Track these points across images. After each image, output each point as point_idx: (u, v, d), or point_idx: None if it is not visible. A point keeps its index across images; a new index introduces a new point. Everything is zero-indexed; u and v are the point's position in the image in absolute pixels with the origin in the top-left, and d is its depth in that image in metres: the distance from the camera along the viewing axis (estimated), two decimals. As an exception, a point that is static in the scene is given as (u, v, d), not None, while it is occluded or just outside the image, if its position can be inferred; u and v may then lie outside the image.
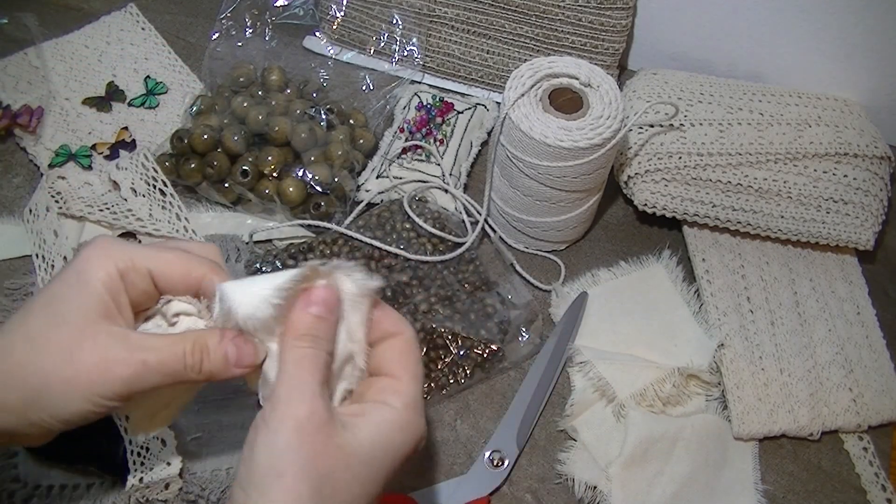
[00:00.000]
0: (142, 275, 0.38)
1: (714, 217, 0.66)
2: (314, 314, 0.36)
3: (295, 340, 0.36)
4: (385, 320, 0.40)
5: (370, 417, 0.36)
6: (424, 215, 0.66)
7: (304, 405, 0.34)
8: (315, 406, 0.34)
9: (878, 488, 0.58)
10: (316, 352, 0.36)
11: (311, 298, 0.37)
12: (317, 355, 0.36)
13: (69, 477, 0.52)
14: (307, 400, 0.34)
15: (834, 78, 0.73)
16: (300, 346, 0.36)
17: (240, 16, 0.78)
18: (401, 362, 0.39)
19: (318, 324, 0.36)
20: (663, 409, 0.59)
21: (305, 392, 0.34)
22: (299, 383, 0.35)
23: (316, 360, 0.36)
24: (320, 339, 0.36)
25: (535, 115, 0.58)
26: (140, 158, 0.67)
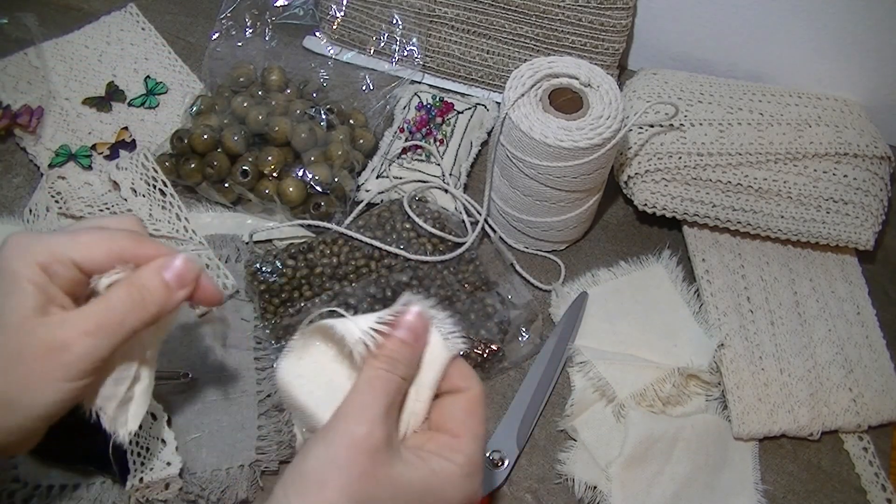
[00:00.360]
0: (66, 265, 0.38)
1: (714, 217, 0.66)
2: (399, 337, 0.36)
3: (373, 360, 0.36)
4: (455, 373, 0.39)
5: (430, 463, 0.36)
6: (424, 215, 0.66)
7: (364, 425, 0.34)
8: (374, 428, 0.34)
9: (878, 488, 0.58)
10: (390, 375, 0.36)
11: (400, 322, 0.37)
12: (390, 378, 0.36)
13: (69, 477, 0.52)
14: (367, 420, 0.34)
15: (834, 78, 0.73)
16: (376, 366, 0.36)
17: (240, 16, 0.78)
18: (463, 421, 0.38)
19: (400, 348, 0.36)
20: (663, 409, 0.59)
21: (367, 412, 0.34)
22: (364, 403, 0.35)
23: (388, 383, 0.35)
24: (398, 364, 0.36)
25: (535, 115, 0.58)
26: (140, 158, 0.67)
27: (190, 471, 0.53)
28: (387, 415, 0.35)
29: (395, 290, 0.62)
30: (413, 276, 0.63)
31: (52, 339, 0.36)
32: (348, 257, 0.64)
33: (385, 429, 0.34)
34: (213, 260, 0.64)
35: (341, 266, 0.63)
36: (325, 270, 0.63)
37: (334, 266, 0.63)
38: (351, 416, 0.34)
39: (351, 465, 0.33)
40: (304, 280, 0.63)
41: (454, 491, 0.36)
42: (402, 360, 0.36)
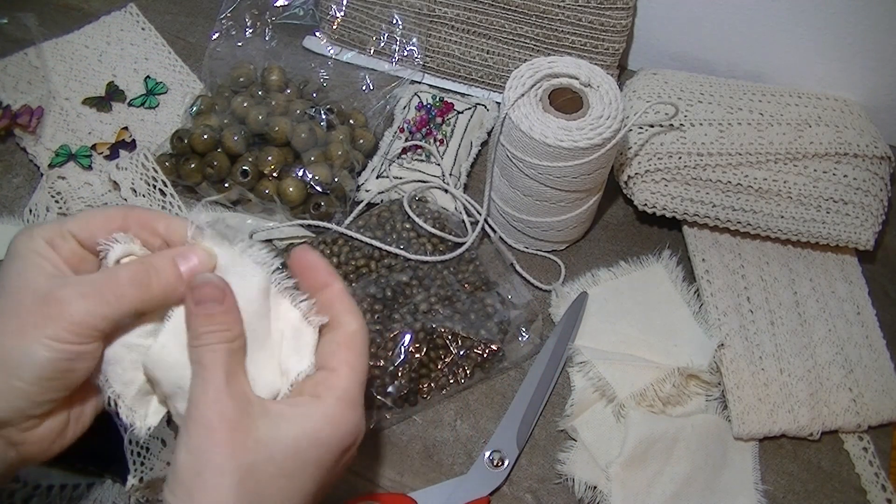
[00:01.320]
0: (65, 238, 0.38)
1: (714, 217, 0.66)
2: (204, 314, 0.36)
3: (193, 342, 0.36)
4: (338, 308, 0.39)
5: (298, 409, 0.36)
6: (424, 215, 0.66)
7: (212, 406, 0.34)
8: (223, 404, 0.34)
9: (878, 488, 0.58)
10: (215, 346, 0.35)
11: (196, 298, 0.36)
12: (216, 350, 0.35)
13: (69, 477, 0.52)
14: (212, 402, 0.34)
15: (834, 78, 0.73)
16: (199, 346, 0.36)
17: (240, 16, 0.78)
18: (340, 354, 0.38)
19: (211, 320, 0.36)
20: (663, 409, 0.59)
21: (210, 391, 0.34)
22: (204, 383, 0.35)
23: (216, 355, 0.35)
24: (217, 333, 0.36)
25: (535, 115, 0.58)
26: (140, 158, 0.67)
27: (190, 471, 0.53)
28: (228, 385, 0.35)
29: (395, 290, 0.62)
30: (413, 276, 0.63)
31: (48, 293, 0.35)
32: (348, 257, 0.64)
33: (231, 399, 0.34)
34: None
35: (341, 266, 0.63)
36: (325, 270, 0.63)
37: (334, 266, 0.63)
38: (198, 400, 0.34)
39: (217, 445, 0.33)
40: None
41: (332, 428, 0.36)
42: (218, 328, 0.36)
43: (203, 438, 0.33)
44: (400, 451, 0.57)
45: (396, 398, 0.57)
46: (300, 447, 0.35)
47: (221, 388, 0.34)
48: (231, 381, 0.35)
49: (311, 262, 0.40)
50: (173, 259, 0.38)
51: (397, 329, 0.59)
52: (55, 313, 0.35)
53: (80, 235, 0.38)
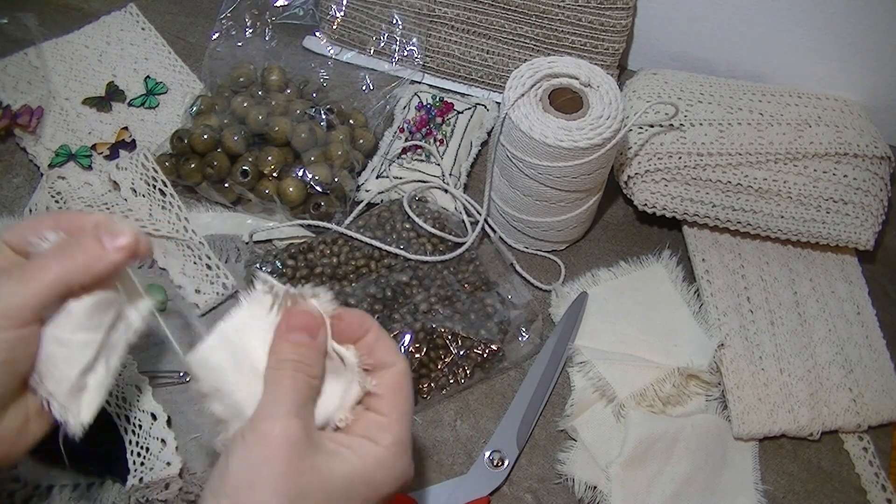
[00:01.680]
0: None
1: (714, 217, 0.66)
2: (294, 342, 0.37)
3: (276, 363, 0.37)
4: (380, 349, 0.39)
5: (355, 450, 0.36)
6: (424, 215, 0.66)
7: (280, 424, 0.34)
8: (290, 425, 0.34)
9: (878, 488, 0.58)
10: (296, 374, 0.36)
11: (291, 324, 0.37)
12: (296, 378, 0.36)
13: (69, 477, 0.52)
14: (283, 419, 0.34)
15: (834, 78, 0.73)
16: (280, 370, 0.36)
17: (240, 16, 0.78)
18: (390, 399, 0.38)
19: (299, 349, 0.37)
20: (663, 409, 0.59)
21: (281, 411, 0.35)
22: (276, 403, 0.35)
23: (295, 382, 0.36)
24: (301, 364, 0.37)
25: (535, 115, 0.58)
26: (140, 158, 0.67)
27: (190, 471, 0.53)
28: (300, 410, 0.35)
29: (395, 290, 0.62)
30: (413, 276, 0.63)
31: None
32: (348, 257, 0.64)
33: (300, 423, 0.35)
34: (212, 260, 0.64)
35: (341, 266, 0.63)
36: (325, 270, 0.63)
37: (334, 266, 0.63)
38: (265, 415, 0.35)
39: (275, 464, 0.33)
40: (304, 280, 0.63)
41: (383, 473, 0.36)
42: (305, 360, 0.37)
43: (265, 454, 0.33)
44: (400, 451, 0.57)
45: (396, 398, 0.57)
46: (352, 484, 0.35)
47: (293, 412, 0.35)
48: (303, 407, 0.36)
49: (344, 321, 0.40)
50: (96, 233, 0.38)
51: (397, 329, 0.59)
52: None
53: (12, 241, 0.39)
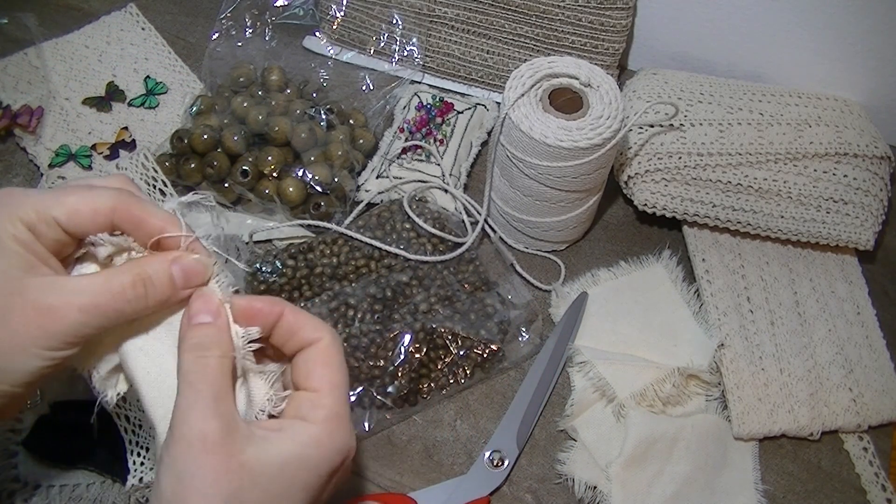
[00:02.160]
0: (50, 225, 0.36)
1: (714, 217, 0.66)
2: (196, 324, 0.35)
3: (183, 354, 0.35)
4: (302, 327, 0.38)
5: (284, 433, 0.35)
6: (424, 215, 0.66)
7: (196, 426, 0.32)
8: (207, 426, 0.32)
9: (878, 488, 0.58)
10: (205, 361, 0.34)
11: (192, 310, 0.36)
12: (206, 364, 0.34)
13: (69, 477, 0.52)
14: (199, 420, 0.33)
15: (834, 78, 0.73)
16: (186, 358, 0.34)
17: (240, 16, 0.78)
18: (319, 373, 0.37)
19: (202, 330, 0.35)
20: (663, 409, 0.59)
21: (196, 411, 0.33)
22: (189, 402, 0.33)
23: (205, 371, 0.34)
24: (207, 347, 0.35)
25: (535, 115, 0.58)
26: (140, 158, 0.67)
27: (190, 471, 0.53)
28: (216, 404, 0.33)
29: (395, 290, 0.62)
30: (413, 276, 0.63)
31: (43, 302, 0.34)
32: (348, 257, 0.64)
33: (217, 420, 0.33)
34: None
35: (341, 266, 0.63)
36: (325, 270, 0.63)
37: (334, 266, 0.63)
38: (182, 421, 0.33)
39: (200, 470, 0.32)
40: (304, 280, 0.63)
41: (320, 450, 0.35)
42: (209, 342, 0.35)
43: (188, 461, 0.32)
44: (400, 451, 0.57)
45: (396, 398, 0.57)
46: (287, 471, 0.34)
47: (209, 409, 0.33)
48: (219, 401, 0.34)
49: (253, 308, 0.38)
50: (170, 272, 0.36)
51: (397, 329, 0.59)
52: (49, 325, 0.34)
53: (68, 227, 0.36)
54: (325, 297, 0.61)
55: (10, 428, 0.53)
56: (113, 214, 0.37)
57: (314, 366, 0.37)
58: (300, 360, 0.38)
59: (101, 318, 0.35)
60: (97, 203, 0.37)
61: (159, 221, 0.38)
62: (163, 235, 0.37)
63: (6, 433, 0.53)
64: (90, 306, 0.34)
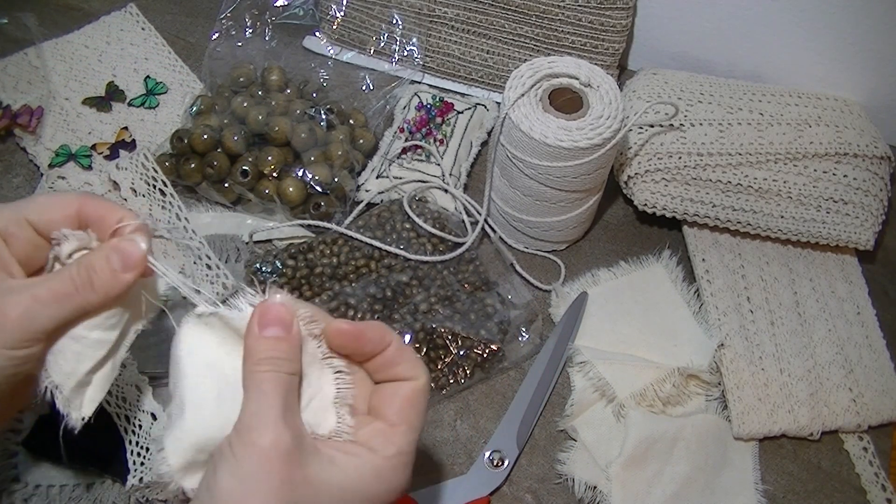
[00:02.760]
0: (21, 225, 0.37)
1: (714, 217, 0.66)
2: (269, 336, 0.35)
3: (254, 366, 0.35)
4: (401, 363, 0.38)
5: (352, 458, 0.35)
6: (424, 215, 0.66)
7: (268, 433, 0.33)
8: (279, 433, 0.33)
9: (878, 488, 0.58)
10: (277, 375, 0.34)
11: (264, 320, 0.36)
12: (278, 378, 0.34)
13: (69, 477, 0.52)
14: (269, 427, 0.33)
15: (834, 78, 0.73)
16: (259, 370, 0.34)
17: (240, 16, 0.78)
18: (402, 410, 0.37)
19: (276, 345, 0.35)
20: (663, 409, 0.59)
21: (268, 419, 0.33)
22: (259, 410, 0.33)
23: (277, 384, 0.34)
24: (280, 361, 0.35)
25: (535, 115, 0.58)
26: (140, 158, 0.67)
27: (190, 471, 0.53)
28: (285, 415, 0.34)
29: (395, 290, 0.62)
30: (413, 276, 0.63)
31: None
32: (348, 257, 0.64)
33: (289, 431, 0.33)
34: (212, 260, 0.64)
35: (341, 266, 0.63)
36: (325, 270, 0.63)
37: (334, 266, 0.63)
38: (251, 427, 0.33)
39: (266, 477, 0.32)
40: (304, 280, 0.63)
41: (381, 484, 0.35)
42: (283, 357, 0.35)
43: (254, 466, 0.32)
44: (400, 451, 0.57)
45: (396, 398, 0.57)
46: (346, 494, 0.34)
47: (279, 417, 0.33)
48: (287, 412, 0.34)
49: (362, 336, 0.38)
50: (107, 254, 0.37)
51: (397, 329, 0.59)
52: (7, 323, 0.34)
53: (37, 223, 0.38)
54: (325, 297, 0.61)
55: (10, 428, 0.53)
56: (80, 210, 0.39)
57: (401, 402, 0.37)
58: (388, 390, 0.38)
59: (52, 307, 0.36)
60: (65, 200, 0.39)
61: (119, 214, 0.39)
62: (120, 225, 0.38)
63: (6, 433, 0.53)
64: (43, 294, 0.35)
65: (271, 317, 0.35)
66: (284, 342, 0.35)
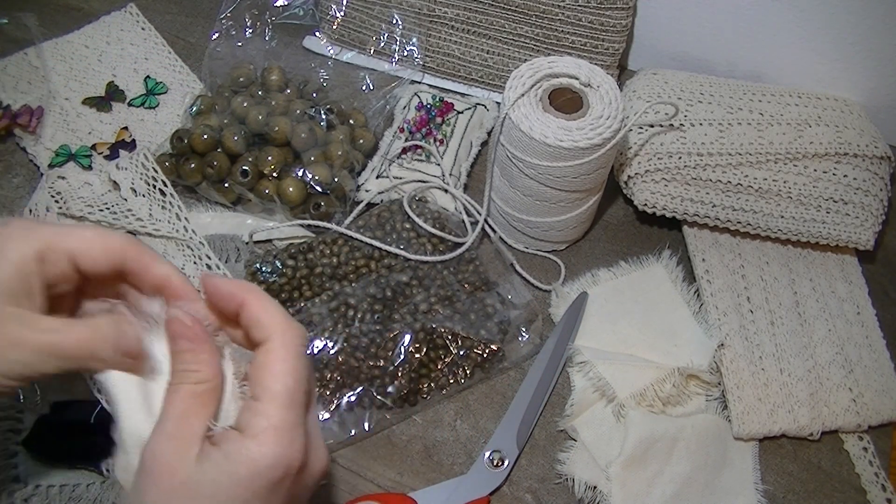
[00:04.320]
0: (60, 255, 0.36)
1: (714, 217, 0.66)
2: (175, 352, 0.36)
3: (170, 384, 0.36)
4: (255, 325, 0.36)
5: (220, 448, 0.34)
6: (424, 215, 0.66)
7: (150, 445, 0.34)
8: (161, 445, 0.33)
9: (878, 488, 0.58)
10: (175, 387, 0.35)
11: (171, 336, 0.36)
12: (178, 389, 0.35)
13: (69, 477, 0.52)
14: (154, 440, 0.34)
15: (834, 78, 0.73)
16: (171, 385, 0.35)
17: (240, 16, 0.78)
18: (261, 380, 0.35)
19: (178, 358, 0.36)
20: (663, 409, 0.59)
21: (157, 431, 0.34)
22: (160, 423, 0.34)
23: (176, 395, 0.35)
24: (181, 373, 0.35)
25: (535, 115, 0.58)
26: (140, 158, 0.67)
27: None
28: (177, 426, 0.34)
29: (395, 290, 0.62)
30: (413, 276, 0.63)
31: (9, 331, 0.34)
32: (348, 257, 0.64)
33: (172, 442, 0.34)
34: (212, 260, 0.64)
35: (341, 266, 0.63)
36: (325, 270, 0.63)
37: (334, 266, 0.63)
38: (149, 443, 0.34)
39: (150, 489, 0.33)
40: (304, 280, 0.63)
41: (254, 465, 0.33)
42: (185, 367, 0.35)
43: (144, 478, 0.33)
44: (400, 451, 0.57)
45: (396, 398, 0.57)
46: (219, 489, 0.33)
47: (164, 430, 0.34)
48: (182, 423, 0.34)
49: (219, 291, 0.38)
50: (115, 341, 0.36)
51: (397, 329, 0.59)
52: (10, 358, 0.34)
53: (80, 260, 0.37)
54: (325, 297, 0.61)
55: (10, 428, 0.53)
56: (123, 254, 0.38)
57: (260, 371, 0.35)
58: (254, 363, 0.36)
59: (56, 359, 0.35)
60: (109, 241, 0.38)
61: (164, 270, 0.39)
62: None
63: (6, 433, 0.53)
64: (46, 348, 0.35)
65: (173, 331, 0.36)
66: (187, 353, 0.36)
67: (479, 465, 0.56)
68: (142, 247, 0.39)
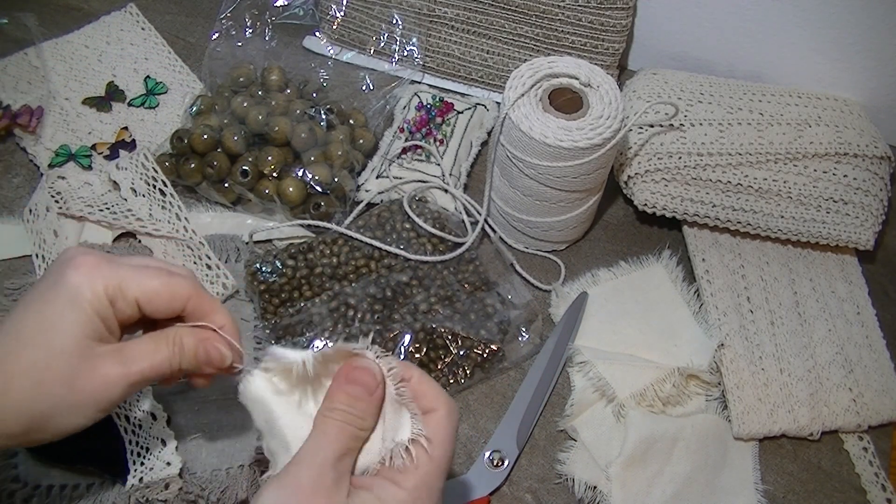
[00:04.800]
0: (129, 303, 0.40)
1: (714, 217, 0.66)
2: (348, 393, 0.37)
3: (327, 410, 0.37)
4: (424, 395, 0.39)
5: (372, 493, 0.36)
6: (424, 215, 0.66)
7: (313, 470, 0.35)
8: (323, 473, 0.35)
9: (878, 488, 0.58)
10: (344, 425, 0.37)
11: (351, 376, 0.38)
12: (343, 428, 0.37)
13: (69, 477, 0.52)
14: (317, 465, 0.35)
15: (834, 78, 0.73)
16: (330, 416, 0.37)
17: (240, 16, 0.78)
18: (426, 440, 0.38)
19: (353, 402, 0.37)
20: (663, 409, 0.59)
21: (318, 458, 0.36)
22: (316, 449, 0.36)
23: (341, 432, 0.37)
24: (352, 416, 0.37)
25: (535, 115, 0.58)
26: (140, 158, 0.67)
27: (190, 471, 0.53)
28: (337, 461, 0.36)
29: (395, 290, 0.62)
30: (413, 276, 0.63)
31: (106, 374, 0.38)
32: (348, 257, 0.64)
33: (334, 473, 0.35)
34: (212, 260, 0.64)
35: (341, 266, 0.63)
36: (325, 270, 0.63)
37: (334, 266, 0.63)
38: (302, 461, 0.36)
39: None
40: (304, 280, 0.63)
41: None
42: (356, 413, 0.37)
43: (290, 496, 0.35)
44: (400, 451, 0.57)
45: (396, 398, 0.57)
46: None
47: (329, 461, 0.36)
48: (342, 459, 0.36)
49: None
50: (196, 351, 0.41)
51: (397, 329, 0.59)
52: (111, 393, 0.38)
53: (146, 308, 0.40)
54: (325, 297, 0.61)
55: (10, 428, 0.53)
56: (185, 303, 0.41)
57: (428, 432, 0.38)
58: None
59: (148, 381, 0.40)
60: (176, 290, 0.41)
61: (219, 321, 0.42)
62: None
63: (6, 433, 0.53)
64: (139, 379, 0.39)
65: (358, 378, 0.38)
66: (362, 402, 0.38)
67: (479, 464, 0.56)
68: (203, 295, 0.42)
